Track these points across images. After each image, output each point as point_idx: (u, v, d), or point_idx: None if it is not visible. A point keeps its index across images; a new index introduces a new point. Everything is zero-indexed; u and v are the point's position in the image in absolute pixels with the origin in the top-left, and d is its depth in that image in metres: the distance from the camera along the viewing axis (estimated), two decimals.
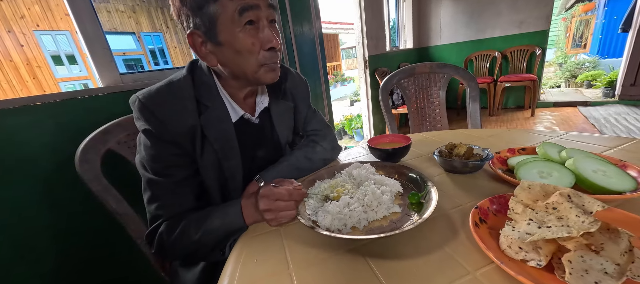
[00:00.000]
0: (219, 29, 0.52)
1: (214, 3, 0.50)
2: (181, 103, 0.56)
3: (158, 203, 0.55)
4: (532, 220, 0.33)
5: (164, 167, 0.55)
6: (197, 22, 0.52)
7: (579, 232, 0.29)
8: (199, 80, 0.60)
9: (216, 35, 0.53)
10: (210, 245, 0.54)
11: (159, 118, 0.53)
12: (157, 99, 0.55)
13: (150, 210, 0.56)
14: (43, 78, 5.80)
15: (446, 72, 1.32)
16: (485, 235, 0.39)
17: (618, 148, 0.64)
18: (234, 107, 0.63)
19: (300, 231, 0.49)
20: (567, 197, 0.34)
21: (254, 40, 0.54)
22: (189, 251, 0.55)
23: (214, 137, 0.58)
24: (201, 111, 0.58)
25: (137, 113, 0.55)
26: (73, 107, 0.94)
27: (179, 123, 0.55)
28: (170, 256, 0.60)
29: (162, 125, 0.54)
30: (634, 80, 3.18)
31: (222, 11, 0.51)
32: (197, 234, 0.52)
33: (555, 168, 0.50)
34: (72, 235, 0.96)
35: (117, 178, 0.72)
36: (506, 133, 0.86)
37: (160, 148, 0.55)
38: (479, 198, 0.47)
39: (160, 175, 0.55)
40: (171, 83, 0.58)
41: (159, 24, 8.03)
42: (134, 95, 0.56)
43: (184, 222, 0.53)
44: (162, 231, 0.54)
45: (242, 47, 0.53)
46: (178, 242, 0.53)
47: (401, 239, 0.43)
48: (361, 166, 0.63)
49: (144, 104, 0.54)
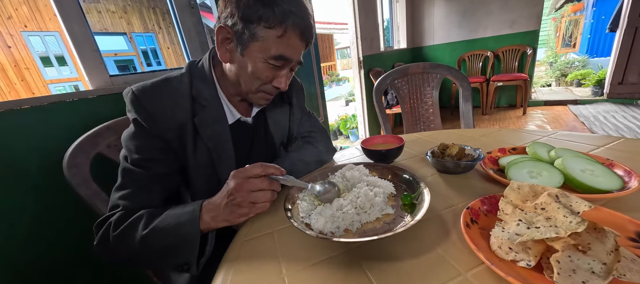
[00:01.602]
0: (251, 48, 0.54)
1: (264, 29, 0.51)
2: (174, 99, 0.56)
3: (123, 192, 0.52)
4: (521, 221, 0.34)
5: (143, 159, 0.54)
6: (238, 27, 0.52)
7: (567, 232, 0.30)
8: (198, 79, 0.60)
9: (244, 49, 0.54)
10: (154, 251, 0.47)
11: (148, 110, 0.53)
12: (150, 92, 0.55)
13: (113, 199, 0.52)
14: (32, 80, 5.66)
15: (439, 72, 1.33)
16: (477, 235, 0.39)
17: (606, 147, 0.65)
18: (230, 110, 0.64)
19: (293, 234, 0.49)
20: (555, 197, 0.34)
21: (269, 75, 0.57)
22: (130, 251, 0.47)
23: (208, 136, 0.58)
24: (196, 110, 0.58)
25: (128, 104, 0.54)
26: (61, 110, 0.92)
27: (169, 119, 0.55)
28: (110, 253, 0.49)
29: (150, 118, 0.53)
30: (621, 78, 3.25)
31: (264, 40, 0.52)
32: (145, 230, 0.46)
33: (544, 167, 0.50)
34: (61, 240, 0.94)
35: (108, 183, 0.71)
36: (498, 132, 0.87)
37: (145, 140, 0.54)
38: (471, 199, 0.48)
39: (137, 165, 0.53)
40: (168, 79, 0.58)
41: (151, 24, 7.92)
42: (129, 87, 0.55)
43: (135, 216, 0.48)
44: (112, 221, 0.49)
45: (256, 73, 0.56)
46: (122, 237, 0.47)
47: (394, 240, 0.43)
48: (354, 167, 0.63)
49: (136, 96, 0.53)
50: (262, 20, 0.50)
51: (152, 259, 0.51)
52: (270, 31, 0.51)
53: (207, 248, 0.51)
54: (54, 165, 0.74)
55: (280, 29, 0.51)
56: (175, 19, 1.33)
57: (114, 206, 0.52)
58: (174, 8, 1.30)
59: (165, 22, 8.04)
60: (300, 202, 0.55)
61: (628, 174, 0.47)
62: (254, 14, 0.50)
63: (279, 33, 0.52)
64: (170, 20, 3.68)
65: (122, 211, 0.51)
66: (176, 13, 1.30)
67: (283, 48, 0.53)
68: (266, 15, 0.50)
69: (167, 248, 0.47)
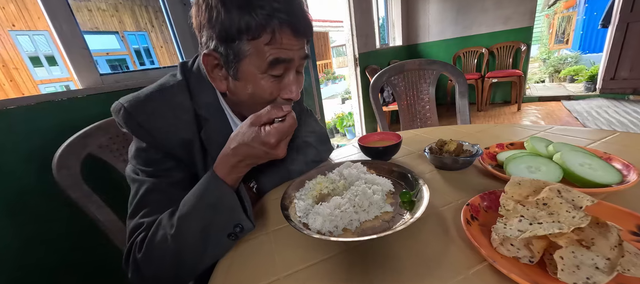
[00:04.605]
0: (242, 67, 0.47)
1: (248, 42, 0.44)
2: (175, 113, 0.49)
3: (144, 210, 0.46)
4: (523, 217, 0.33)
5: (158, 169, 0.49)
6: (221, 50, 0.45)
7: (570, 228, 0.29)
8: (196, 87, 0.52)
9: (237, 70, 0.47)
10: (193, 240, 0.42)
11: (148, 130, 0.47)
12: (146, 107, 0.47)
13: (132, 224, 0.46)
14: (21, 81, 5.55)
15: (435, 69, 1.33)
16: (477, 232, 0.39)
17: (602, 141, 0.65)
18: (235, 123, 0.58)
19: (290, 234, 0.48)
20: (556, 192, 0.34)
21: (273, 89, 0.49)
22: (167, 258, 0.41)
23: (216, 154, 0.51)
24: (201, 124, 0.52)
25: (120, 122, 0.48)
26: (50, 111, 0.89)
27: (172, 137, 0.48)
28: (147, 277, 0.43)
29: (151, 138, 0.47)
30: (613, 74, 3.30)
31: (252, 53, 0.45)
32: (172, 229, 0.41)
33: (543, 162, 0.50)
34: (52, 247, 0.92)
35: (100, 184, 0.69)
36: (494, 128, 0.87)
37: (154, 153, 0.49)
38: (470, 195, 0.47)
39: (154, 176, 0.48)
40: (163, 89, 0.50)
41: (143, 22, 7.80)
42: (118, 101, 0.48)
43: (157, 221, 0.44)
44: (136, 242, 0.43)
45: (259, 93, 0.49)
46: (151, 250, 0.42)
47: (393, 239, 0.42)
48: (352, 165, 0.62)
49: (130, 114, 0.46)
50: (243, 32, 0.43)
51: (196, 251, 0.43)
52: (255, 42, 0.44)
53: (245, 203, 0.46)
54: (44, 167, 0.72)
55: (266, 34, 0.43)
56: (167, 16, 1.31)
57: (134, 227, 0.45)
58: (166, 5, 1.27)
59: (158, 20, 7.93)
60: (297, 202, 0.54)
61: (626, 167, 0.47)
62: (232, 29, 0.42)
63: (267, 39, 0.44)
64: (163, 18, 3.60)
65: (145, 230, 0.44)
66: (168, 10, 1.28)
67: (276, 53, 0.46)
68: (246, 25, 0.42)
69: (205, 226, 0.42)
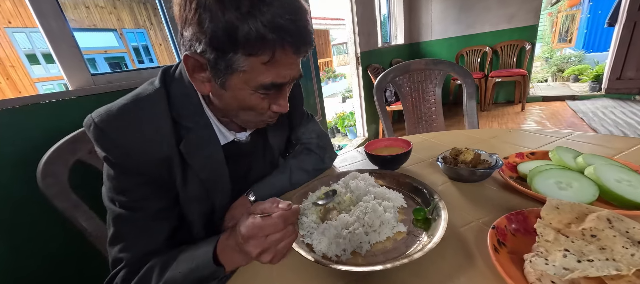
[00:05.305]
0: (232, 81, 0.42)
1: (245, 57, 0.38)
2: (152, 126, 0.44)
3: (120, 245, 0.44)
4: (568, 251, 0.28)
5: (132, 200, 0.44)
6: (209, 56, 0.39)
7: (630, 269, 0.24)
8: (176, 94, 0.47)
9: (225, 81, 0.42)
10: None
11: (119, 145, 0.42)
12: (119, 122, 0.42)
13: (112, 254, 0.44)
14: (18, 79, 5.48)
15: (442, 69, 1.28)
16: (507, 261, 0.34)
17: (630, 151, 0.60)
18: (221, 130, 0.52)
19: (292, 257, 0.43)
20: (606, 222, 0.29)
21: (263, 105, 0.46)
22: None
23: (199, 166, 0.48)
24: (181, 135, 0.46)
25: (92, 139, 0.43)
26: (37, 113, 0.84)
27: (149, 153, 0.44)
28: None
29: (125, 155, 0.42)
30: (619, 74, 3.24)
31: (247, 70, 0.40)
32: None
33: (574, 177, 0.45)
34: (39, 262, 0.87)
35: (89, 193, 0.64)
36: (508, 133, 0.82)
37: (126, 180, 0.44)
38: (491, 212, 0.43)
39: (127, 208, 0.44)
40: (138, 99, 0.45)
41: (142, 20, 7.72)
42: (90, 115, 0.43)
43: (146, 268, 0.42)
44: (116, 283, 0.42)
45: (248, 106, 0.45)
46: None
47: (408, 267, 0.37)
48: (359, 176, 0.58)
49: (102, 130, 0.41)
50: (239, 46, 0.37)
51: None
52: (253, 58, 0.39)
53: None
54: (31, 174, 0.67)
55: (266, 54, 0.38)
56: (163, 14, 1.25)
57: (115, 261, 0.44)
58: (162, 3, 1.22)
59: (156, 18, 7.86)
60: (300, 217, 0.49)
61: None
62: (227, 39, 0.36)
63: (266, 59, 0.39)
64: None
65: (126, 267, 0.43)
66: (164, 8, 1.22)
67: (274, 76, 0.41)
68: (244, 38, 0.36)
69: None
